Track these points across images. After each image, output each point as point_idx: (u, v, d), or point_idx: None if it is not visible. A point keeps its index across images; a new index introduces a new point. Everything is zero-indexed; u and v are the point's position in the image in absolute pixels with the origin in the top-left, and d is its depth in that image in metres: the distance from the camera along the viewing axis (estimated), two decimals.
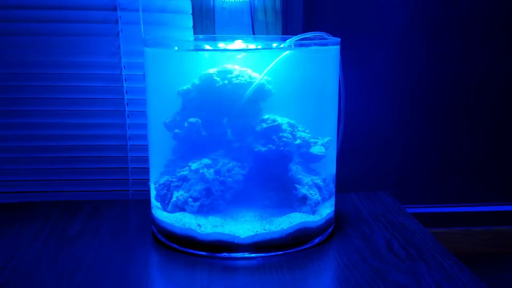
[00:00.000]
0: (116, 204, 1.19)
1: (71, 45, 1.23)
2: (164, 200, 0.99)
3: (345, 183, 1.21)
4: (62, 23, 1.21)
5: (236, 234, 0.93)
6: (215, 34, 1.27)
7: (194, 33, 1.26)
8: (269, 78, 1.01)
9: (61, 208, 1.16)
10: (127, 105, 1.25)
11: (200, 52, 1.02)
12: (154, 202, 1.03)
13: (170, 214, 0.97)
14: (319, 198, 0.99)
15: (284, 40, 0.98)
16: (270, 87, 1.01)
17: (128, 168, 1.27)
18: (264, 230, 0.94)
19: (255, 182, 1.00)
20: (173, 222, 0.96)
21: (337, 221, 1.08)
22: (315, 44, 1.00)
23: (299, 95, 1.03)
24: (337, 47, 1.03)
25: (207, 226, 0.94)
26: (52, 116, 1.25)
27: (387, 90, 1.36)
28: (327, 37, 1.02)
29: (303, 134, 1.02)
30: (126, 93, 1.25)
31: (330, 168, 1.06)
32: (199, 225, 0.94)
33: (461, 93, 1.38)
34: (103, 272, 0.89)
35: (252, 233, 0.93)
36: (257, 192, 1.01)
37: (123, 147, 1.27)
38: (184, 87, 1.01)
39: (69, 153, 1.27)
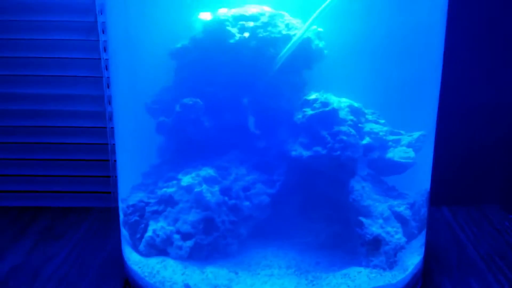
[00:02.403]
0: (87, 215, 0.81)
1: None
2: (135, 233, 0.60)
3: (433, 191, 0.79)
4: None
5: None
6: None
7: None
8: (321, 29, 0.62)
9: (5, 221, 0.78)
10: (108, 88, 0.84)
11: None
12: (123, 230, 0.63)
13: (143, 259, 0.58)
14: (403, 240, 0.57)
15: None
16: (321, 45, 0.61)
17: (109, 161, 0.87)
18: None
19: (290, 207, 0.62)
20: (146, 274, 0.57)
21: (426, 265, 0.66)
22: None
23: (371, 59, 0.62)
24: None
25: None
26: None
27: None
28: None
29: (375, 127, 0.61)
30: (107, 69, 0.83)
31: (421, 183, 0.64)
32: (187, 285, 0.54)
33: None
34: None
35: None
36: (293, 224, 0.63)
37: (102, 130, 0.86)
38: (179, 45, 0.61)
39: (28, 138, 0.87)
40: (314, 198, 0.62)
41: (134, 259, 0.59)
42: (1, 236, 0.75)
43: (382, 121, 0.62)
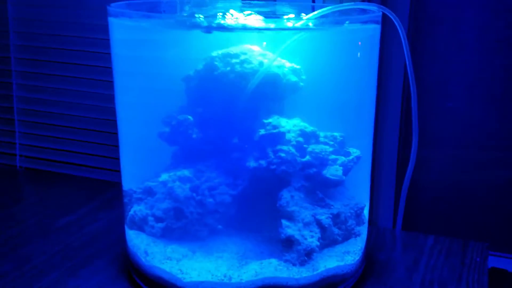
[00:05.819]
0: None
1: None
2: (124, 211, 0.81)
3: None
4: None
5: (178, 276, 0.69)
6: None
7: None
8: (298, 67, 0.76)
9: None
10: None
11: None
12: None
13: (127, 229, 0.79)
14: (315, 243, 0.69)
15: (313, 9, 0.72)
16: (293, 80, 0.76)
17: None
18: (224, 277, 0.68)
19: (259, 206, 0.76)
20: (127, 239, 0.77)
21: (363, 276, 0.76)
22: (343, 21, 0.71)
23: (333, 89, 0.76)
24: (377, 27, 0.71)
25: (155, 256, 0.72)
26: None
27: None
28: (367, 9, 0.70)
29: (318, 147, 0.73)
30: None
31: (352, 197, 0.74)
32: (145, 251, 0.73)
33: None
34: None
35: (197, 278, 0.68)
36: (262, 221, 0.76)
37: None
38: (189, 73, 0.79)
39: None
40: (260, 202, 0.75)
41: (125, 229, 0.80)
42: None
43: (331, 143, 0.74)
